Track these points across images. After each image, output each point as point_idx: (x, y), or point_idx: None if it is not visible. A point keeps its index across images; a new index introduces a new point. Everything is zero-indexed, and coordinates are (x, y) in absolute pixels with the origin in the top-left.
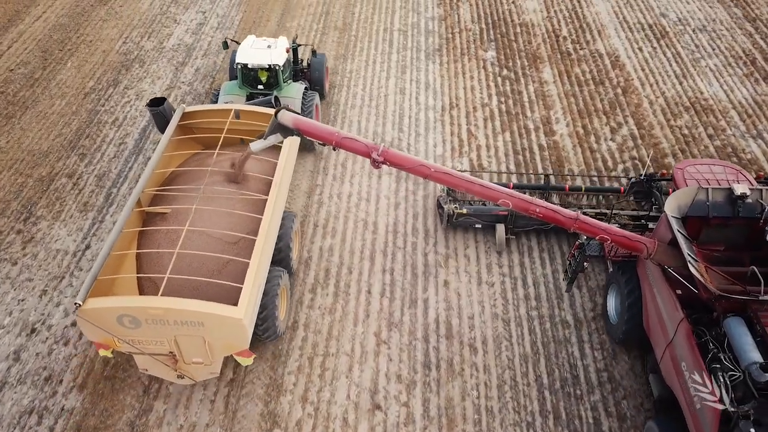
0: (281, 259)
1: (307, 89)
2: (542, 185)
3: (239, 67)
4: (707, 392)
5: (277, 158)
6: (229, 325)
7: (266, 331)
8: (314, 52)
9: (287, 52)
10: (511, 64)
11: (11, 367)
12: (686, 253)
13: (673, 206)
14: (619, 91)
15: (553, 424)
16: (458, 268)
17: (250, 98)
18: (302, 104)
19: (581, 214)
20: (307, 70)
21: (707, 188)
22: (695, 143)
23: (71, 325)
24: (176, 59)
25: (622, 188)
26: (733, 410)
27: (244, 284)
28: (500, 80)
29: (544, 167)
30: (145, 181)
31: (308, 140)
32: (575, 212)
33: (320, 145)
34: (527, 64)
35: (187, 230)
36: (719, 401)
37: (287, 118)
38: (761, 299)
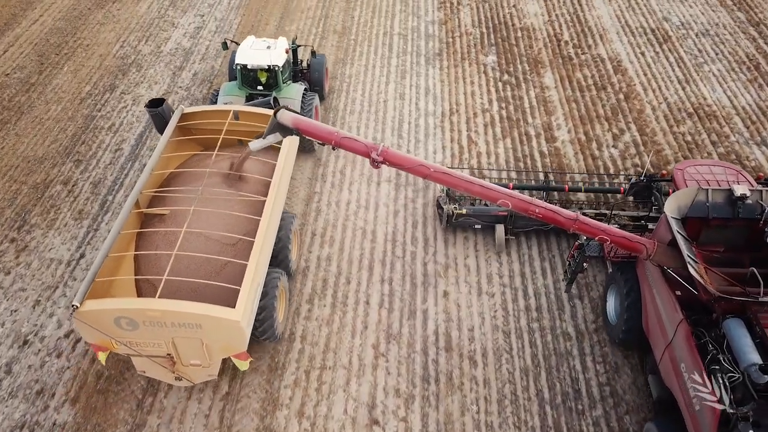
0: (280, 260)
1: (306, 90)
2: (542, 186)
3: (238, 67)
4: (707, 392)
5: (275, 159)
6: (226, 327)
7: (265, 332)
8: (314, 52)
9: (286, 52)
10: (512, 68)
11: (3, 380)
12: (686, 254)
13: (672, 207)
14: (621, 96)
15: None
16: (458, 278)
17: (249, 99)
18: (302, 105)
19: (581, 214)
20: (306, 70)
21: (707, 189)
22: (698, 150)
23: (64, 336)
24: (174, 63)
25: (622, 189)
26: (732, 412)
27: (242, 286)
28: (501, 85)
29: (545, 174)
30: (143, 182)
31: (307, 141)
32: (575, 213)
33: (320, 144)
34: (528, 68)
35: (185, 232)
36: (719, 401)
37: (286, 117)
38: (761, 300)
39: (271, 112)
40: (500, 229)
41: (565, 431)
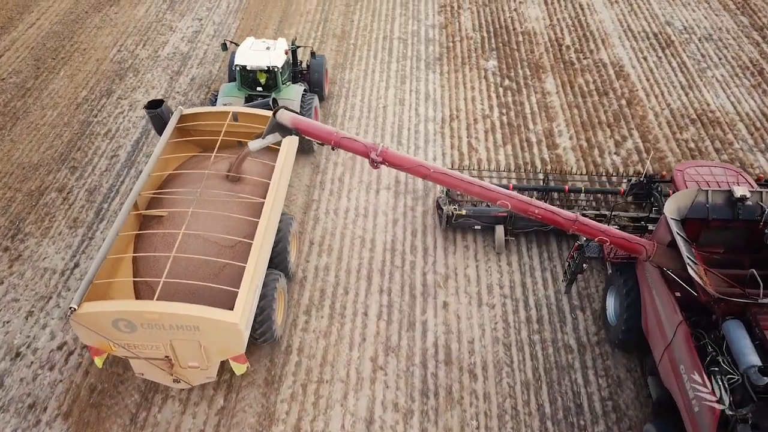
0: (279, 262)
1: (306, 91)
2: (542, 186)
3: (238, 68)
4: (706, 392)
5: (274, 161)
6: (224, 329)
7: (263, 334)
8: (313, 53)
9: (286, 53)
10: (512, 74)
11: None
12: (685, 255)
13: (672, 208)
14: (623, 102)
15: None
16: (458, 288)
17: (249, 100)
18: (301, 106)
19: (580, 215)
20: (306, 71)
21: (707, 190)
22: (702, 157)
23: (57, 348)
24: (171, 68)
25: (622, 189)
26: (731, 413)
27: (240, 288)
28: (502, 91)
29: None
30: (142, 183)
31: (306, 141)
32: (574, 214)
33: (318, 144)
34: (529, 74)
35: (183, 234)
36: (718, 401)
37: (286, 117)
38: (760, 302)
39: (270, 113)
40: (500, 229)
41: None
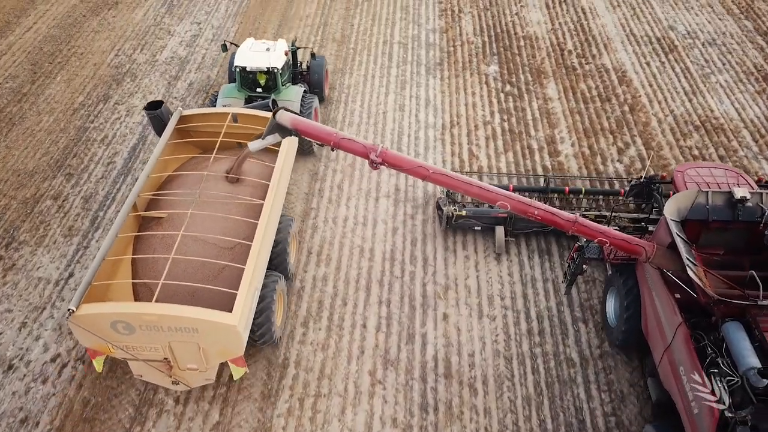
0: (278, 263)
1: (306, 92)
2: (542, 187)
3: (238, 69)
4: (706, 392)
5: (274, 162)
6: (223, 331)
7: (262, 336)
8: (313, 54)
9: (286, 54)
10: (514, 79)
11: None
12: (685, 256)
13: (672, 209)
14: (626, 108)
15: None
16: (458, 299)
17: (248, 101)
18: (301, 107)
19: (580, 216)
20: (306, 72)
21: (707, 191)
22: None
23: (51, 360)
24: (169, 73)
25: (622, 190)
26: (730, 415)
27: (239, 290)
28: (503, 96)
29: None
30: (141, 184)
31: (306, 142)
32: (574, 215)
33: (318, 145)
34: (531, 79)
35: (182, 235)
36: (718, 401)
37: (285, 118)
38: (760, 304)
39: (270, 114)
40: (500, 230)
41: None
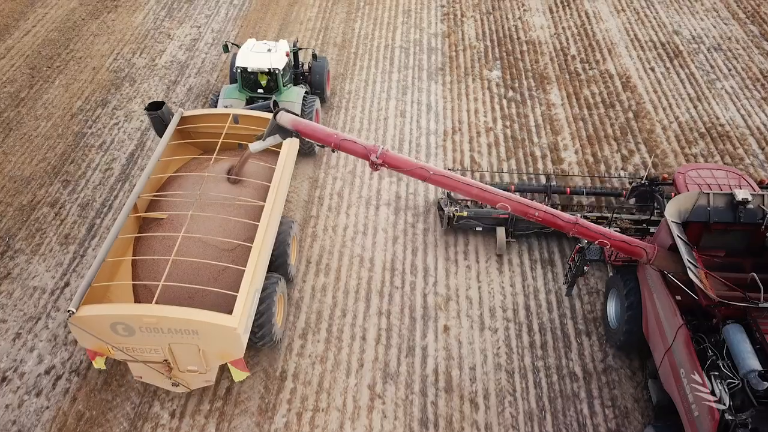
0: (279, 265)
1: (307, 93)
2: (543, 188)
3: (239, 70)
4: (706, 392)
5: (275, 164)
6: (223, 333)
7: (263, 338)
8: (315, 55)
9: (287, 55)
10: (517, 84)
11: None
12: (686, 258)
13: (673, 211)
14: (630, 115)
15: None
16: (459, 311)
17: (249, 102)
18: (302, 108)
19: (580, 218)
20: (308, 73)
21: (708, 193)
22: None
23: (45, 372)
24: (168, 78)
25: (624, 192)
26: (731, 418)
27: (239, 292)
28: (505, 102)
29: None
30: (142, 185)
31: (308, 144)
32: (574, 216)
33: (319, 146)
34: (534, 84)
35: (182, 237)
36: (718, 402)
37: (285, 119)
38: (761, 306)
39: (270, 115)
40: (501, 231)
41: None
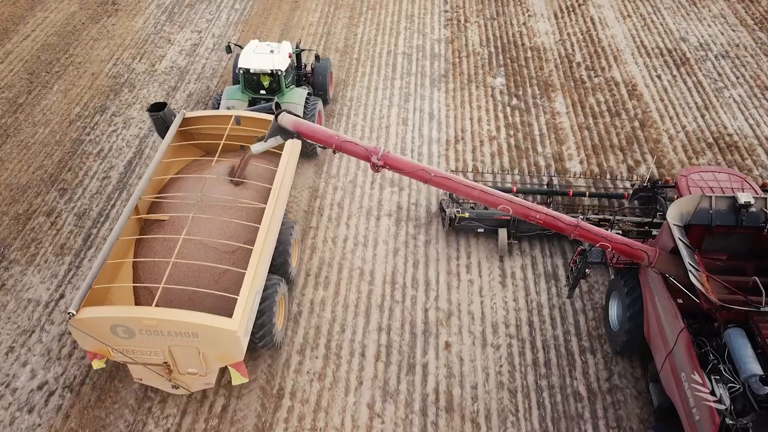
0: (279, 267)
1: (309, 95)
2: (545, 190)
3: (241, 71)
4: (706, 392)
5: (276, 166)
6: (223, 336)
7: (263, 339)
8: (318, 57)
9: (290, 57)
10: (521, 92)
11: None
12: (687, 261)
13: (675, 214)
14: (636, 124)
15: None
16: (461, 327)
17: (252, 103)
18: (304, 109)
19: (582, 220)
20: (310, 75)
21: (711, 196)
22: None
23: (37, 388)
24: (168, 83)
25: (626, 194)
26: (731, 422)
27: (239, 295)
28: (509, 110)
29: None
30: (143, 187)
31: (309, 145)
32: (576, 219)
33: (321, 148)
34: (538, 92)
35: (183, 239)
36: (718, 402)
37: (287, 120)
38: (763, 310)
39: (272, 117)
40: (503, 233)
41: None
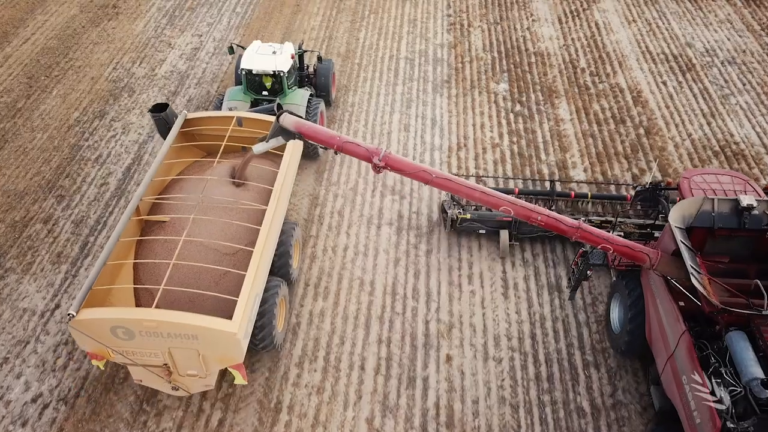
0: (280, 268)
1: (312, 96)
2: (548, 192)
3: (243, 72)
4: (706, 392)
5: (278, 167)
6: (223, 339)
7: (263, 341)
8: (320, 58)
9: (292, 58)
10: (524, 98)
11: None
12: (689, 264)
13: (677, 216)
14: (641, 131)
15: None
16: (463, 339)
17: (254, 104)
18: (307, 111)
19: (583, 223)
20: (313, 76)
21: (713, 198)
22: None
23: (31, 401)
24: (168, 88)
25: (628, 196)
26: (732, 426)
27: (239, 297)
28: (512, 117)
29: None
30: (144, 188)
31: (311, 146)
32: (577, 221)
33: (322, 149)
34: (542, 98)
35: (184, 240)
36: (718, 402)
37: (289, 121)
38: (765, 313)
39: (273, 118)
40: (504, 234)
41: None
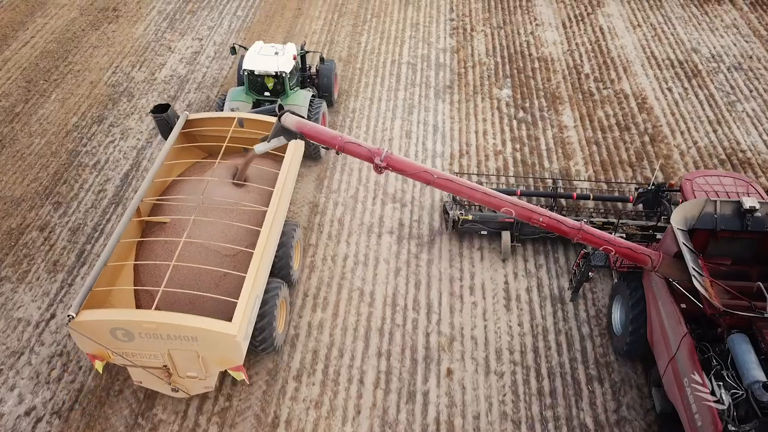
0: (280, 269)
1: (314, 96)
2: (550, 193)
3: (246, 73)
4: (706, 392)
5: (278, 168)
6: (222, 341)
7: (263, 342)
8: (323, 59)
9: (294, 58)
10: (528, 104)
11: None
12: (691, 266)
13: (679, 218)
14: (646, 138)
15: None
16: (464, 353)
17: (256, 105)
18: (309, 111)
19: (585, 224)
20: (315, 76)
21: (715, 200)
22: None
23: (24, 414)
24: (167, 93)
25: (631, 198)
26: (734, 429)
27: (239, 299)
28: (515, 123)
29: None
30: (145, 189)
31: (313, 147)
32: (579, 222)
33: (324, 149)
34: (546, 105)
35: (184, 242)
36: (718, 401)
37: (290, 121)
38: (766, 316)
39: (275, 119)
40: (506, 235)
41: None
